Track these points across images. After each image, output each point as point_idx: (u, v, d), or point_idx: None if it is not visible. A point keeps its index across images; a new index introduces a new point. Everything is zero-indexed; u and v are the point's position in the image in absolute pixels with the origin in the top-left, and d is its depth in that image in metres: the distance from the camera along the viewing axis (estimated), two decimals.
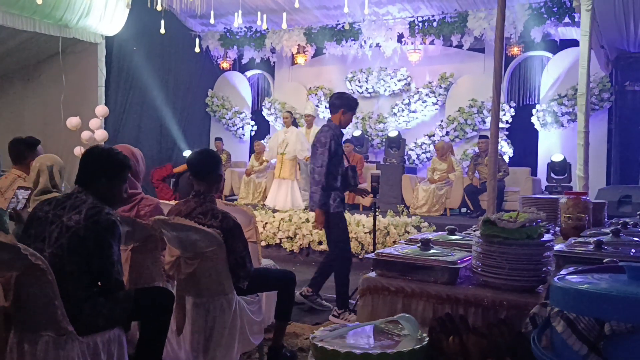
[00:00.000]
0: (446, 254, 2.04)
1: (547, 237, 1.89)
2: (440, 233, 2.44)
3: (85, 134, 7.55)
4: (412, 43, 10.27)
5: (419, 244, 2.08)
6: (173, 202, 3.81)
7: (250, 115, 12.54)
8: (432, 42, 10.22)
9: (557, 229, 3.10)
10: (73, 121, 7.38)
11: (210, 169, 3.02)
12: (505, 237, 1.81)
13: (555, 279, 1.40)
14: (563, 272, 1.82)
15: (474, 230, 2.59)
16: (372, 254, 2.06)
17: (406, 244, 2.29)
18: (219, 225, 2.88)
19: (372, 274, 2.04)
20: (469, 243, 2.18)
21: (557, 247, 2.06)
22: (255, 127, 12.48)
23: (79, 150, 7.62)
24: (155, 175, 3.95)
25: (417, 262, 1.96)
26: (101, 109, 7.75)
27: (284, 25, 8.02)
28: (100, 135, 7.46)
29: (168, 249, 3.04)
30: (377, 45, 10.46)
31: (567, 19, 8.89)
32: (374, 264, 2.04)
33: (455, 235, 2.38)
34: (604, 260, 1.73)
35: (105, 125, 8.78)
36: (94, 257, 2.39)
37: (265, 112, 12.12)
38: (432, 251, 2.06)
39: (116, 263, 2.45)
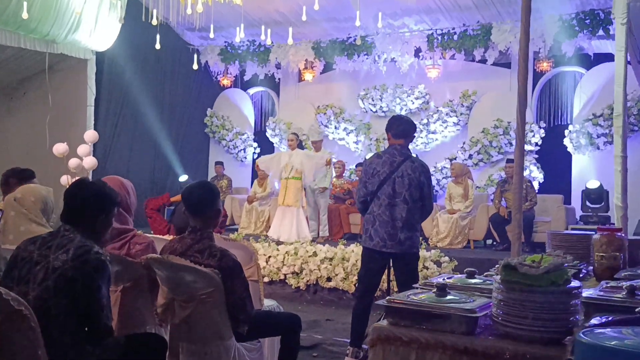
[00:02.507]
0: (464, 300, 2.06)
1: (574, 283, 1.91)
2: (458, 276, 2.47)
3: (72, 162, 7.67)
4: (430, 58, 10.39)
5: (435, 290, 2.11)
6: (167, 237, 3.87)
7: (253, 137, 12.67)
8: (452, 57, 10.33)
9: (590, 268, 3.12)
10: (60, 148, 7.51)
11: (208, 203, 3.07)
12: (527, 284, 1.84)
13: (581, 333, 1.43)
14: (591, 323, 1.84)
15: (495, 274, 2.62)
16: (383, 301, 2.09)
17: (421, 288, 2.32)
18: (217, 264, 2.93)
19: (384, 322, 2.07)
20: (490, 288, 2.21)
21: (586, 293, 2.08)
22: (258, 150, 12.59)
23: (65, 179, 7.72)
24: (149, 204, 4.02)
25: (433, 310, 1.98)
26: (90, 135, 7.89)
27: (290, 41, 8.15)
28: (89, 162, 7.58)
29: (161, 290, 3.08)
30: (392, 60, 10.58)
31: (601, 32, 8.97)
32: (385, 312, 2.07)
33: (474, 278, 2.41)
34: (637, 310, 1.75)
35: (94, 149, 8.91)
36: (82, 300, 2.44)
37: (269, 133, 12.24)
38: (448, 297, 2.08)
39: (105, 307, 2.50)
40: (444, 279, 2.41)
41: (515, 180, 3.90)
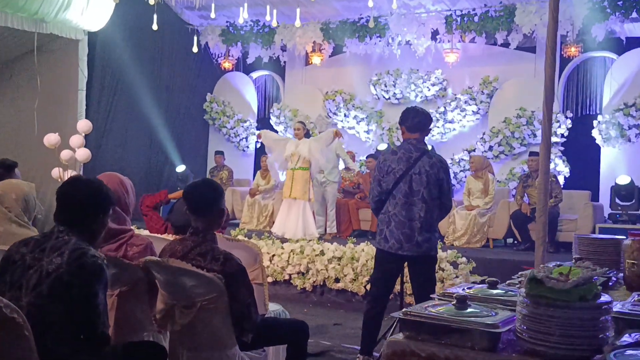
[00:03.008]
0: (486, 314, 2.08)
1: (604, 297, 1.92)
2: (479, 286, 2.48)
3: (65, 154, 7.70)
4: (448, 41, 10.36)
5: (454, 301, 2.13)
6: (166, 236, 3.90)
7: (256, 124, 12.69)
8: (472, 40, 10.30)
9: (621, 275, 3.13)
10: (51, 139, 7.54)
11: (211, 203, 3.10)
12: (554, 299, 1.86)
13: (612, 355, 1.45)
14: (623, 341, 1.86)
15: (517, 283, 2.64)
16: (399, 313, 2.12)
17: (439, 299, 2.34)
18: (221, 269, 2.96)
19: (399, 336, 2.09)
20: (513, 300, 2.23)
21: (616, 307, 2.09)
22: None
23: (57, 172, 7.75)
24: (145, 201, 4.04)
25: (452, 324, 2.00)
26: (84, 125, 7.90)
27: (297, 22, 8.14)
28: (83, 155, 7.60)
29: (160, 295, 3.11)
30: (407, 43, 10.56)
31: (634, 14, 8.92)
32: (401, 325, 2.09)
33: (497, 289, 2.42)
34: None
35: (85, 137, 8.95)
36: (78, 306, 2.47)
37: (273, 121, 12.25)
38: (469, 310, 2.10)
39: (102, 314, 2.54)
40: (463, 289, 2.43)
41: (540, 179, 3.91)
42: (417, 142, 4.49)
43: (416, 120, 4.53)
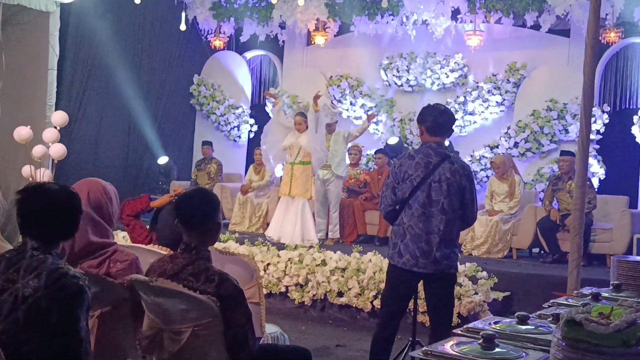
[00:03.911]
0: (515, 355, 2.13)
1: None
2: (507, 321, 2.53)
3: (37, 150, 7.70)
4: (471, 21, 10.36)
5: (481, 340, 2.18)
6: (155, 248, 3.94)
7: (250, 111, 12.72)
8: (498, 21, 10.31)
9: None
10: (22, 133, 7.55)
11: (206, 217, 3.14)
12: (595, 344, 1.90)
13: None
14: None
15: (550, 316, 2.69)
16: (419, 352, 2.16)
17: (462, 334, 2.39)
18: (215, 291, 3.00)
19: None
20: (546, 339, 2.28)
21: None
22: (255, 127, 12.65)
23: (28, 170, 7.78)
24: (125, 209, 4.04)
25: None
26: (59, 117, 7.91)
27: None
28: (58, 151, 7.62)
29: (147, 318, 3.16)
30: (424, 22, 10.57)
31: None
32: None
33: (527, 324, 2.47)
34: None
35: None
36: (58, 333, 2.51)
37: (269, 108, 12.26)
38: (496, 350, 2.15)
39: (84, 341, 2.57)
40: (490, 324, 2.47)
41: (576, 194, 3.95)
42: (438, 146, 4.51)
43: (440, 121, 4.52)
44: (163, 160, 11.74)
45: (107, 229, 3.28)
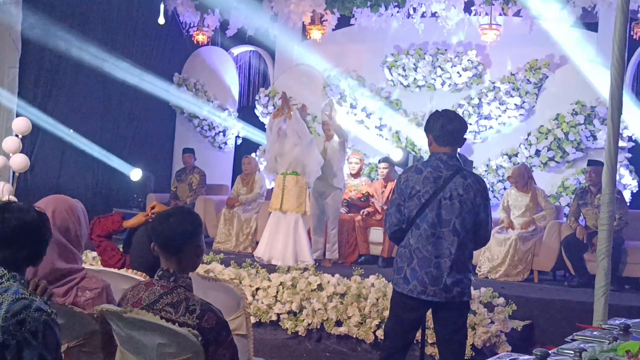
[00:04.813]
0: None
1: None
2: (525, 357, 2.54)
3: None
4: (486, 14, 10.36)
5: None
6: (130, 273, 3.94)
7: (237, 114, 12.72)
8: (517, 14, 10.33)
9: None
10: None
11: (186, 240, 3.13)
12: None
13: None
14: None
15: (572, 352, 2.70)
16: None
17: None
18: (197, 323, 2.99)
19: None
20: None
21: None
22: (243, 133, 12.68)
23: None
24: (96, 228, 4.03)
25: None
26: (21, 123, 7.94)
27: None
28: (20, 163, 7.64)
29: (120, 352, 3.16)
30: (434, 15, 10.59)
31: None
32: None
33: None
34: None
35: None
36: None
37: (259, 110, 12.29)
38: None
39: None
40: None
41: (604, 211, 3.95)
42: (449, 158, 4.51)
43: (449, 128, 4.52)
44: (136, 173, 11.66)
45: (74, 253, 3.29)
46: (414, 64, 11.22)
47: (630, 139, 9.95)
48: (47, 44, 10.64)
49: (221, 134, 12.63)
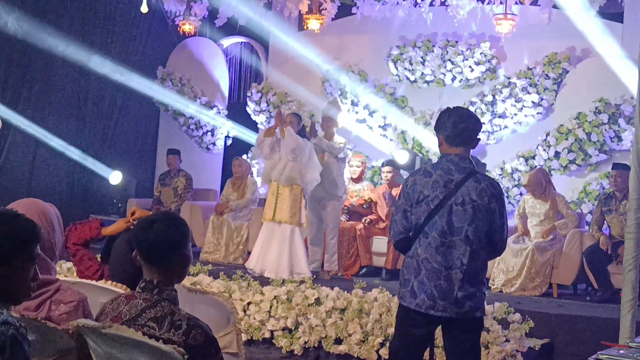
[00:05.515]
0: None
1: None
2: None
3: None
4: (501, 2, 10.37)
5: None
6: (104, 284, 3.94)
7: (226, 112, 12.73)
8: (534, 2, 10.33)
9: None
10: None
11: (171, 248, 3.12)
12: None
13: None
14: None
15: None
16: None
17: None
18: (182, 340, 2.98)
19: None
20: None
21: None
22: (233, 132, 12.70)
23: None
24: (71, 236, 4.02)
25: None
26: None
27: None
28: None
29: None
30: (443, 3, 10.62)
31: None
32: None
33: None
34: None
35: None
36: None
37: (251, 108, 12.29)
38: None
39: None
40: None
41: (631, 218, 3.96)
42: (461, 160, 4.48)
43: (461, 127, 4.50)
44: (115, 177, 11.65)
45: (48, 263, 3.28)
46: (422, 58, 11.23)
47: None
48: (17, 35, 10.65)
49: (209, 133, 12.64)
